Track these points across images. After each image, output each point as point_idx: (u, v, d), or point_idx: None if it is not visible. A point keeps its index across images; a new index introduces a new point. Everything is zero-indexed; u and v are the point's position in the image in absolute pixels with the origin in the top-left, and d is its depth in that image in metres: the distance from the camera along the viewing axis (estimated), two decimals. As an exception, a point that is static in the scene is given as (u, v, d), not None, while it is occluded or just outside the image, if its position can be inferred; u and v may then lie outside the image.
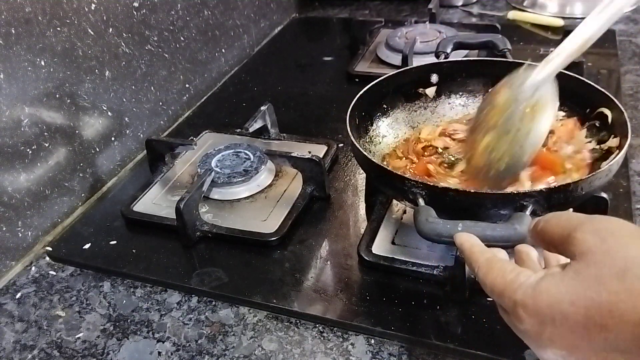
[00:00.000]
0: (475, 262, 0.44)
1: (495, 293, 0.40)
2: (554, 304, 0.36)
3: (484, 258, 0.43)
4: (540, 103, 0.60)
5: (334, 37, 1.35)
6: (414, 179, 0.58)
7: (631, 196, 0.72)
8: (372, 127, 0.77)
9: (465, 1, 1.40)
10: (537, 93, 0.61)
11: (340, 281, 0.65)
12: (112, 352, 0.60)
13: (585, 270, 0.35)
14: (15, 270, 0.73)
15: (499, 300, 0.40)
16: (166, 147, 0.84)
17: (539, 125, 0.60)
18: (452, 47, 0.86)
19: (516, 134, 0.61)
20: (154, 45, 0.95)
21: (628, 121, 0.62)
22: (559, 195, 0.55)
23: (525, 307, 0.37)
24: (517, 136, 0.61)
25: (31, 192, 0.74)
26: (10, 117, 0.71)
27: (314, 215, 0.75)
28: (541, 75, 0.61)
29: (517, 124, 0.61)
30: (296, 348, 0.58)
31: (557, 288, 0.36)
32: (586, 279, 0.35)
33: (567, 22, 1.21)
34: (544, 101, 0.60)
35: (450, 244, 0.51)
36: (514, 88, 0.62)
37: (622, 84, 0.97)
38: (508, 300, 0.39)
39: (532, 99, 0.61)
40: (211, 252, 0.71)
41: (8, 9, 0.68)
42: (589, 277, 0.35)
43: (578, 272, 0.36)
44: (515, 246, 0.47)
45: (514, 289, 0.38)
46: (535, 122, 0.60)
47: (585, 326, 0.34)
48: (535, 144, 0.60)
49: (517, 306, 0.37)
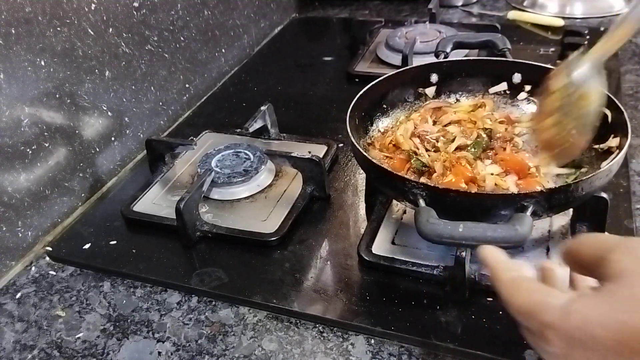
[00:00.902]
0: (498, 280, 0.42)
1: (522, 314, 0.39)
2: (585, 327, 0.34)
3: (508, 277, 0.41)
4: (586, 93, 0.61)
5: (334, 37, 1.35)
6: (414, 180, 0.58)
7: (631, 196, 0.72)
8: (372, 127, 0.77)
9: (465, 1, 1.40)
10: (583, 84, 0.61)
11: (340, 281, 0.65)
12: (112, 352, 0.60)
13: (618, 292, 0.34)
14: (15, 270, 0.73)
15: (526, 321, 0.39)
16: (166, 147, 0.84)
17: (589, 112, 0.60)
18: (451, 47, 0.86)
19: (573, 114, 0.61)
20: (154, 45, 0.95)
21: (628, 121, 0.62)
22: (559, 196, 0.55)
23: (554, 330, 0.36)
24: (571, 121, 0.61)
25: (31, 192, 0.74)
26: (10, 117, 0.71)
27: (314, 215, 0.75)
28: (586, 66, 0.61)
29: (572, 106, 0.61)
30: (296, 348, 0.58)
31: (589, 311, 0.35)
32: (619, 302, 0.34)
33: (567, 22, 1.21)
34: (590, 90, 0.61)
35: (451, 245, 0.51)
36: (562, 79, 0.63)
37: (622, 84, 0.97)
38: (535, 321, 0.37)
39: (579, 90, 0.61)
40: (211, 252, 0.71)
41: (8, 9, 0.68)
42: (622, 299, 0.34)
43: (611, 294, 0.34)
44: (516, 247, 0.46)
45: (542, 310, 0.37)
46: (585, 108, 0.60)
47: (616, 351, 0.33)
48: (587, 129, 0.61)
49: (546, 328, 0.36)
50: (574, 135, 0.61)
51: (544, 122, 0.64)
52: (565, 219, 0.68)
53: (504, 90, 0.79)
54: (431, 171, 0.67)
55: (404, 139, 0.73)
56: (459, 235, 0.52)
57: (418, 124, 0.75)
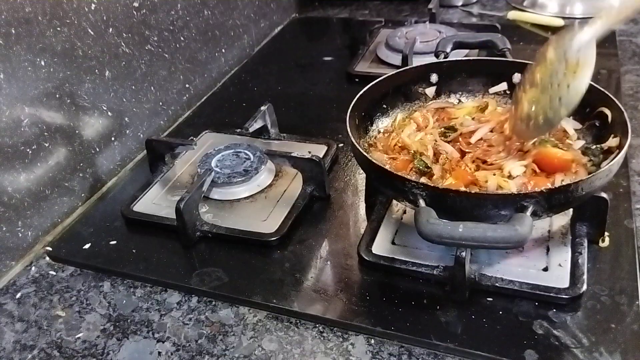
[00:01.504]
0: None
1: None
2: None
3: None
4: (581, 62, 0.62)
5: (334, 37, 1.35)
6: (414, 180, 0.58)
7: (631, 196, 0.72)
8: (372, 127, 0.77)
9: (465, 1, 1.40)
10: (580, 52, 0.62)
11: (340, 281, 0.65)
12: (112, 352, 0.60)
13: None
14: (15, 270, 0.72)
15: None
16: (166, 147, 0.84)
17: (579, 82, 0.62)
18: (451, 47, 0.86)
19: (557, 88, 0.63)
20: (154, 45, 0.95)
21: (628, 121, 0.62)
22: (559, 196, 0.55)
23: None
24: (558, 90, 0.63)
25: (31, 192, 0.74)
26: (10, 117, 0.71)
27: (314, 215, 0.75)
28: (586, 36, 0.62)
29: (559, 79, 0.63)
30: (296, 348, 0.58)
31: None
32: None
33: (567, 22, 1.21)
34: (585, 60, 0.62)
35: (451, 245, 0.51)
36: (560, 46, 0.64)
37: (622, 84, 0.97)
38: None
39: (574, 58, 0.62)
40: (211, 252, 0.71)
41: (8, 9, 0.68)
42: None
43: None
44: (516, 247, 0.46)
45: None
46: (575, 78, 0.62)
47: None
48: (573, 99, 0.62)
49: None
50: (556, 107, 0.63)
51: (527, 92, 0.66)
52: (565, 219, 0.68)
53: (504, 90, 0.79)
54: (431, 172, 0.67)
55: (411, 140, 0.72)
56: (459, 235, 0.52)
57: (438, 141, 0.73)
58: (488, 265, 0.62)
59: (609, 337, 0.55)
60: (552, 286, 0.59)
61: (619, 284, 0.60)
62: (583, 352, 0.54)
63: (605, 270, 0.62)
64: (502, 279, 0.60)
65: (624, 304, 0.58)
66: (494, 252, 0.64)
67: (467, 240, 0.52)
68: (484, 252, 0.64)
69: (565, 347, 0.54)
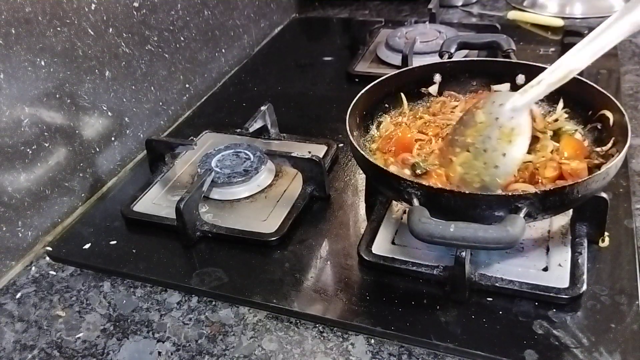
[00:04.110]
0: None
1: None
2: None
3: None
4: (517, 129, 0.62)
5: (334, 37, 1.35)
6: (409, 179, 0.58)
7: (631, 196, 0.72)
8: (373, 127, 0.77)
9: (465, 1, 1.40)
10: (515, 118, 0.62)
11: (340, 281, 0.65)
12: (112, 352, 0.60)
13: None
14: (15, 270, 0.73)
15: None
16: (166, 147, 0.84)
17: (515, 151, 0.61)
18: (456, 47, 0.86)
19: (492, 154, 0.62)
20: (154, 45, 0.95)
21: (628, 124, 0.62)
22: (554, 198, 0.55)
23: None
24: (493, 156, 0.62)
25: (31, 192, 0.75)
26: (10, 117, 0.71)
27: (314, 215, 0.75)
28: (521, 101, 0.62)
29: (493, 145, 0.62)
30: (296, 348, 0.58)
31: None
32: None
33: (567, 22, 1.21)
34: (519, 129, 0.62)
35: (442, 245, 0.51)
36: (493, 109, 0.63)
37: (622, 84, 0.97)
38: None
39: (509, 123, 0.62)
40: (211, 252, 0.71)
41: (8, 9, 0.69)
42: None
43: None
44: (507, 248, 0.46)
45: None
46: (512, 146, 0.61)
47: None
48: (510, 167, 0.61)
49: None
50: (492, 174, 0.61)
51: (457, 155, 0.64)
52: (565, 219, 0.68)
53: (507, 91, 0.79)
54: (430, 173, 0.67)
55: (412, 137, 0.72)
56: (450, 235, 0.52)
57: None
58: (488, 265, 0.63)
59: (608, 337, 0.55)
60: (552, 286, 0.59)
61: (618, 283, 0.60)
62: (583, 352, 0.54)
63: (605, 270, 0.62)
64: (502, 279, 0.60)
65: (623, 304, 0.58)
66: (493, 252, 0.64)
67: (458, 240, 0.52)
68: (484, 252, 0.64)
69: (565, 347, 0.54)
